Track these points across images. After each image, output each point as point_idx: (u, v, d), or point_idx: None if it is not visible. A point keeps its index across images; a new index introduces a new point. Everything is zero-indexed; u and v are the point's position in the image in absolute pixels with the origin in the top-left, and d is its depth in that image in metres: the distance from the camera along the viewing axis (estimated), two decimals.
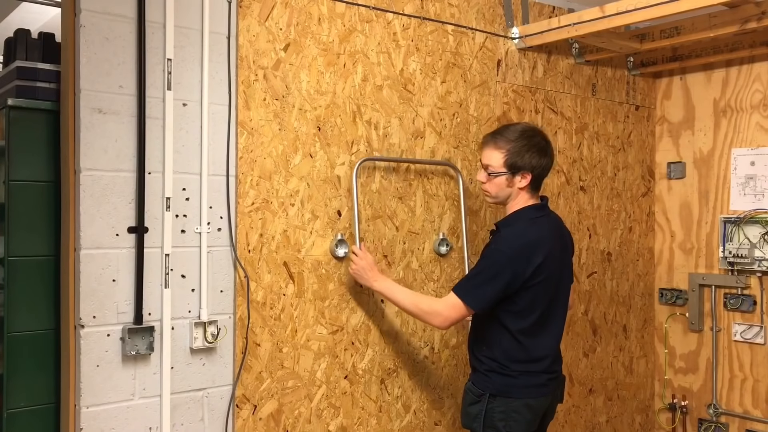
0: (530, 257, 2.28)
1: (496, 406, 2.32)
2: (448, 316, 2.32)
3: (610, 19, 2.79)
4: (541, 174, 2.39)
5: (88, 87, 2.10)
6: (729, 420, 3.45)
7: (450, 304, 2.32)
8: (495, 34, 3.06)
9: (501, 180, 2.37)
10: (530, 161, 2.33)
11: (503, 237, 2.35)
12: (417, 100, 2.80)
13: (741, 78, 3.42)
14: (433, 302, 2.41)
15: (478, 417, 2.34)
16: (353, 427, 2.65)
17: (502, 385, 2.33)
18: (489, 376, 2.35)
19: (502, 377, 2.33)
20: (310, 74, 2.52)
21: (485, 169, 2.40)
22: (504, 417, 2.31)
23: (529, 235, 2.33)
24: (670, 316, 3.67)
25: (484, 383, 2.36)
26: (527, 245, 2.30)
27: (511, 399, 2.32)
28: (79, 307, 2.10)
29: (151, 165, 2.21)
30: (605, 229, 3.51)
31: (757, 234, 3.31)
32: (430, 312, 2.36)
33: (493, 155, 2.37)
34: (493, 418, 2.32)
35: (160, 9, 2.22)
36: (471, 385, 2.40)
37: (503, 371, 2.33)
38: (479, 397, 2.35)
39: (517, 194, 2.38)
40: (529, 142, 2.35)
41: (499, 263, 2.28)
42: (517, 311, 2.32)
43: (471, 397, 2.38)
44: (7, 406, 2.18)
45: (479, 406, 2.34)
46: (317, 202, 2.54)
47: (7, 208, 2.18)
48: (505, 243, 2.32)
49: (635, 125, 3.65)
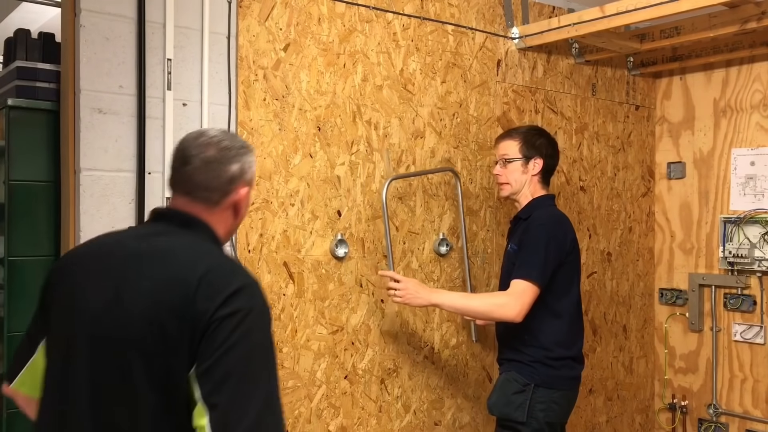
0: (566, 231, 2.46)
1: (539, 396, 2.39)
2: (522, 303, 2.34)
3: (610, 19, 2.79)
4: (551, 165, 2.57)
5: (88, 87, 2.10)
6: (729, 420, 3.45)
7: (519, 290, 2.35)
8: (495, 34, 3.06)
9: (516, 166, 2.52)
10: (541, 148, 2.52)
11: (536, 217, 2.47)
12: (417, 100, 2.80)
13: (741, 78, 3.42)
14: (497, 295, 2.48)
15: (522, 406, 2.39)
16: (353, 427, 2.65)
17: (547, 376, 2.40)
18: (533, 366, 2.41)
19: (546, 368, 2.41)
20: (310, 74, 2.52)
21: (501, 159, 2.55)
22: (545, 408, 2.39)
23: (556, 213, 2.52)
24: (670, 316, 3.67)
25: (529, 373, 2.41)
26: (559, 221, 2.48)
27: (554, 390, 2.41)
28: None
29: (151, 165, 2.21)
30: (605, 229, 3.51)
31: (757, 234, 3.31)
32: (500, 305, 2.37)
33: (509, 145, 2.54)
34: (535, 408, 2.38)
35: (160, 9, 2.22)
36: (515, 374, 2.44)
37: (547, 361, 2.41)
38: (524, 387, 2.41)
39: (531, 182, 2.52)
40: (541, 133, 2.58)
41: (546, 235, 2.40)
42: (559, 290, 2.42)
43: (516, 386, 2.42)
44: (7, 406, 2.18)
45: (524, 396, 2.40)
46: (317, 202, 2.54)
47: (7, 208, 2.18)
48: (540, 220, 2.46)
49: (635, 125, 3.65)
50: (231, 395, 1.31)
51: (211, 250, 1.47)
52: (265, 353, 1.38)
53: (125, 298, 1.37)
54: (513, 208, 3.10)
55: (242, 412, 1.31)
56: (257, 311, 1.37)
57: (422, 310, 2.82)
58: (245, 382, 1.32)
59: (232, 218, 1.55)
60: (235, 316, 1.33)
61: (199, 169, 1.48)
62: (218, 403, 1.30)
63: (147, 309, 1.35)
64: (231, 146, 1.51)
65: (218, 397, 1.30)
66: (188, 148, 1.50)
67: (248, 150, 1.55)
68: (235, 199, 1.51)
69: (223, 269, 1.40)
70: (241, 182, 1.52)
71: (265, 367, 1.37)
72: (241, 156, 1.52)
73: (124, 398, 1.35)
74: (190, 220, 1.49)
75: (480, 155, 3.00)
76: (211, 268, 1.38)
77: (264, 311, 1.40)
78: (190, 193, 1.49)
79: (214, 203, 1.49)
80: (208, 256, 1.44)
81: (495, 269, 3.02)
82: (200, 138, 1.51)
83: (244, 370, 1.32)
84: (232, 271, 1.42)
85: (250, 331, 1.35)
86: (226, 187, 1.49)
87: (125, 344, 1.35)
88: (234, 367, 1.32)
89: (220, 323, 1.32)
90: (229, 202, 1.51)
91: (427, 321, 2.84)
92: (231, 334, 1.32)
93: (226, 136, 1.54)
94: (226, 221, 1.53)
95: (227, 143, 1.51)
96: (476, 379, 2.99)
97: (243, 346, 1.33)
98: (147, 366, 1.34)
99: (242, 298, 1.36)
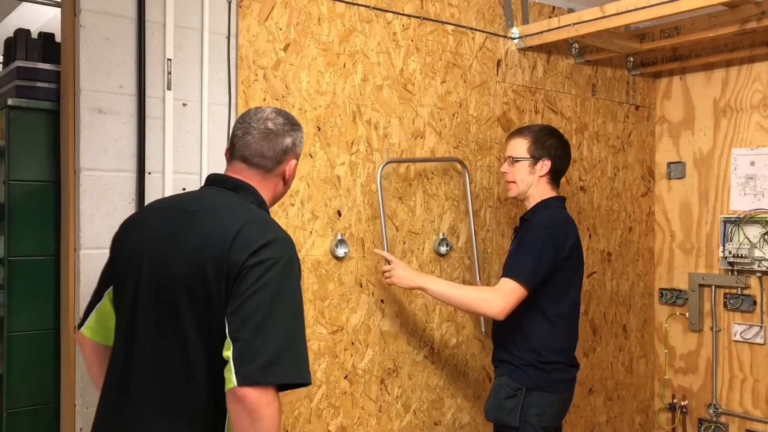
0: (566, 235, 2.41)
1: (532, 400, 2.36)
2: (506, 301, 2.31)
3: (610, 19, 2.79)
4: (561, 166, 2.52)
5: (88, 87, 2.10)
6: (729, 420, 3.45)
7: (506, 289, 2.32)
8: (495, 34, 3.06)
9: (524, 165, 2.48)
10: (550, 149, 2.47)
11: (537, 219, 2.44)
12: (417, 100, 2.80)
13: (741, 78, 3.42)
14: (484, 289, 2.46)
15: (514, 411, 2.37)
16: (353, 427, 2.65)
17: (539, 380, 2.37)
18: (525, 370, 2.38)
19: (538, 371, 2.38)
20: (310, 74, 2.52)
21: (509, 158, 2.52)
22: (539, 411, 2.36)
23: (560, 216, 2.47)
24: (670, 316, 3.67)
25: (520, 377, 2.39)
26: (561, 224, 2.43)
27: (547, 393, 2.38)
28: (79, 307, 2.09)
29: (151, 165, 2.21)
30: (605, 229, 3.51)
31: (757, 234, 3.31)
32: (484, 300, 2.34)
33: (517, 144, 2.51)
34: (528, 413, 2.36)
35: (160, 9, 2.22)
36: (506, 379, 2.42)
37: (539, 364, 2.37)
38: (516, 391, 2.38)
39: (538, 183, 2.48)
40: (552, 133, 2.53)
41: (541, 238, 2.36)
42: (555, 294, 2.38)
43: (507, 390, 2.40)
44: (7, 406, 2.18)
45: (515, 401, 2.37)
46: (317, 202, 2.54)
47: (7, 208, 2.18)
48: (540, 222, 2.42)
49: (635, 125, 3.65)
50: (253, 331, 1.48)
51: (251, 210, 1.66)
52: (291, 298, 1.55)
53: (177, 249, 1.59)
54: (513, 208, 3.11)
55: (262, 346, 1.47)
56: (284, 261, 1.55)
57: (422, 310, 2.82)
58: (268, 321, 1.49)
59: (282, 185, 1.78)
60: (263, 264, 1.52)
61: (258, 139, 1.71)
62: (240, 338, 1.48)
63: (193, 258, 1.56)
64: (286, 122, 1.75)
65: (242, 333, 1.48)
66: (250, 121, 1.74)
67: (299, 128, 1.79)
68: (285, 168, 1.75)
69: (258, 224, 1.60)
70: (291, 154, 1.76)
71: (290, 310, 1.54)
72: (294, 131, 1.76)
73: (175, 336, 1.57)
74: (238, 184, 1.71)
75: (480, 155, 3.00)
76: (247, 223, 1.58)
77: (291, 261, 1.57)
78: (248, 159, 1.72)
79: (268, 170, 1.73)
80: (248, 213, 1.63)
81: (495, 269, 3.02)
82: (260, 113, 1.75)
83: (268, 310, 1.50)
84: (266, 225, 1.62)
85: (276, 277, 1.53)
86: (280, 157, 1.73)
87: (176, 289, 1.57)
88: (258, 308, 1.49)
89: (250, 270, 1.51)
90: (280, 171, 1.75)
91: (427, 321, 2.84)
92: (258, 280, 1.51)
93: (282, 113, 1.78)
94: (276, 187, 1.77)
95: (282, 120, 1.75)
96: (476, 379, 3.00)
97: (268, 290, 1.51)
98: (192, 307, 1.55)
99: (271, 249, 1.55)
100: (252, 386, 1.46)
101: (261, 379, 1.46)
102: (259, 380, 1.46)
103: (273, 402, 1.48)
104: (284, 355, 1.50)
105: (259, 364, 1.46)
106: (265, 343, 1.48)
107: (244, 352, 1.48)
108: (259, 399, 1.46)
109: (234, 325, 1.50)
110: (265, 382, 1.46)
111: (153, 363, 1.60)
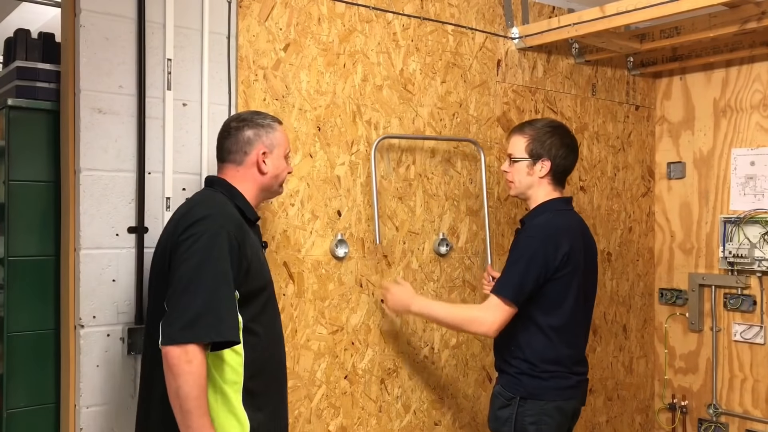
0: (558, 245, 2.26)
1: (527, 409, 2.27)
2: (494, 319, 2.24)
3: (610, 19, 2.79)
4: (564, 166, 2.38)
5: (88, 87, 2.10)
6: (729, 420, 3.45)
7: (491, 305, 2.26)
8: (495, 34, 3.06)
9: (522, 166, 2.36)
10: (551, 149, 2.34)
11: (530, 226, 2.34)
12: (417, 100, 2.80)
13: (741, 78, 3.42)
14: (473, 309, 2.36)
15: (508, 421, 2.28)
16: (353, 427, 2.65)
17: (533, 388, 2.28)
18: (519, 378, 2.30)
19: (533, 379, 2.28)
20: (310, 74, 2.52)
21: (508, 157, 2.42)
22: (535, 421, 2.26)
23: (556, 223, 2.32)
24: (670, 316, 3.67)
25: (514, 386, 2.30)
26: (555, 232, 2.29)
27: (543, 402, 2.27)
28: (79, 307, 2.10)
29: (151, 165, 2.21)
30: (605, 229, 3.51)
31: (757, 234, 3.31)
32: (473, 320, 2.29)
33: (517, 142, 2.39)
34: (524, 422, 2.26)
35: (160, 9, 2.22)
36: (500, 389, 2.34)
37: (533, 373, 2.28)
38: (509, 401, 2.30)
39: (539, 184, 2.37)
40: (554, 131, 2.37)
41: (530, 249, 2.27)
42: (548, 305, 2.28)
43: (501, 400, 2.32)
44: (7, 406, 2.18)
45: (509, 410, 2.29)
46: (317, 202, 2.54)
47: (7, 208, 2.18)
48: (532, 230, 2.32)
49: (635, 125, 3.65)
50: (178, 296, 1.70)
51: (206, 197, 1.90)
52: (214, 267, 1.72)
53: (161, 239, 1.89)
54: (514, 208, 3.11)
55: (184, 309, 1.68)
56: (210, 233, 1.74)
57: None
58: (190, 287, 1.69)
59: (259, 175, 1.96)
60: (190, 239, 1.74)
61: (224, 138, 1.98)
62: (168, 303, 1.71)
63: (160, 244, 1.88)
64: (244, 120, 1.97)
65: (170, 300, 1.71)
66: (222, 127, 2.01)
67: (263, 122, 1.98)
68: (255, 158, 1.95)
69: (197, 207, 1.83)
70: (258, 144, 1.95)
71: (212, 277, 1.71)
72: (254, 126, 1.96)
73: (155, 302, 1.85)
74: (213, 180, 1.98)
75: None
76: (191, 207, 1.84)
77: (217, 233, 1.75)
78: (222, 158, 1.98)
79: (238, 163, 1.95)
80: (200, 200, 1.88)
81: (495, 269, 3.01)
82: (227, 119, 2.02)
83: (190, 277, 1.70)
84: (205, 207, 1.82)
85: (201, 249, 1.72)
86: (245, 148, 1.94)
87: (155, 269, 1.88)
88: (182, 276, 1.71)
89: (181, 244, 1.75)
90: (250, 161, 1.95)
91: (427, 321, 2.84)
92: (186, 251, 1.73)
93: (243, 114, 2.01)
94: (254, 178, 1.96)
95: (242, 118, 1.98)
96: (476, 379, 3.00)
97: (193, 260, 1.72)
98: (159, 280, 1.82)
99: (200, 224, 1.76)
100: (172, 344, 1.65)
101: (179, 338, 1.65)
102: (177, 339, 1.65)
103: (193, 360, 1.65)
104: (203, 317, 1.67)
105: (179, 325, 1.66)
106: (187, 307, 1.68)
107: (169, 314, 1.69)
108: (179, 356, 1.64)
109: (168, 293, 1.73)
110: (183, 341, 1.65)
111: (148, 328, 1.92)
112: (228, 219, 1.81)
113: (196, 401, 1.65)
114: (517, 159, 2.37)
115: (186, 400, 1.64)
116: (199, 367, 1.65)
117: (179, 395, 1.64)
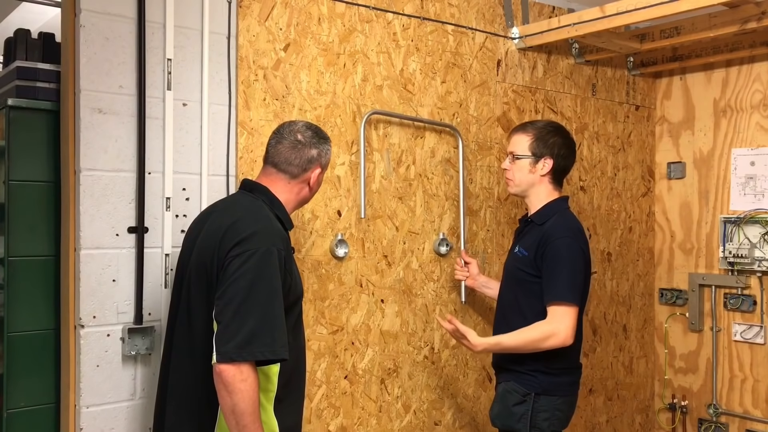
0: (587, 241, 2.39)
1: (541, 405, 2.33)
2: (565, 326, 2.26)
3: (610, 19, 2.79)
4: (564, 166, 2.44)
5: (88, 87, 2.10)
6: (729, 420, 3.45)
7: (557, 315, 2.27)
8: (495, 34, 3.06)
9: (524, 164, 2.41)
10: (553, 148, 2.40)
11: (555, 228, 2.34)
12: (417, 100, 2.80)
13: (741, 78, 3.42)
14: (540, 325, 2.31)
15: (524, 417, 2.33)
16: (353, 427, 2.65)
17: (548, 384, 2.34)
18: (534, 375, 2.34)
19: (546, 376, 2.34)
20: (310, 74, 2.52)
21: (510, 155, 2.46)
22: (548, 416, 2.33)
23: (574, 222, 2.42)
24: (670, 316, 3.67)
25: (529, 383, 2.35)
26: (580, 231, 2.39)
27: (556, 397, 2.34)
28: (79, 307, 2.10)
29: (151, 165, 2.21)
30: (605, 229, 3.51)
31: (757, 234, 3.31)
32: (546, 335, 2.28)
33: (520, 140, 2.43)
34: (538, 418, 2.32)
35: (160, 9, 2.22)
36: (515, 385, 2.37)
37: (548, 370, 2.34)
38: (525, 397, 2.34)
39: (539, 183, 2.42)
40: (556, 131, 2.44)
41: (571, 249, 2.31)
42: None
43: (516, 396, 2.36)
44: (7, 406, 2.18)
45: (525, 407, 2.33)
46: (317, 202, 2.54)
47: (7, 208, 2.18)
48: (561, 231, 2.34)
49: (635, 125, 3.65)
50: (232, 314, 1.71)
51: (251, 207, 1.90)
52: (267, 285, 1.75)
53: (196, 243, 1.89)
54: (513, 208, 3.11)
55: (239, 327, 1.70)
56: (262, 251, 1.76)
57: (422, 310, 2.82)
58: (245, 305, 1.71)
59: (307, 190, 2.01)
60: (243, 255, 1.75)
61: (287, 148, 1.96)
62: (221, 320, 1.72)
63: (201, 250, 1.86)
64: (314, 136, 1.99)
65: (222, 316, 1.72)
66: (283, 132, 1.99)
67: (326, 141, 2.03)
68: (310, 175, 1.99)
69: (248, 219, 1.84)
70: (317, 164, 1.99)
71: (265, 295, 1.74)
72: (320, 144, 2.00)
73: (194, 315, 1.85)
74: (254, 186, 1.97)
75: (480, 155, 3.00)
76: (240, 218, 1.84)
77: (269, 252, 1.77)
78: (277, 165, 1.97)
79: (293, 176, 1.97)
80: (245, 210, 1.88)
81: (495, 269, 3.02)
82: (293, 126, 2.01)
83: (245, 296, 1.72)
84: (255, 220, 1.84)
85: (254, 267, 1.74)
86: (305, 165, 1.97)
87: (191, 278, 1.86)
88: (236, 293, 1.72)
89: (233, 260, 1.76)
90: (305, 178, 1.99)
91: (427, 321, 2.84)
92: (239, 269, 1.74)
93: (312, 127, 2.02)
94: (300, 192, 2.00)
95: (311, 133, 2.00)
96: (476, 379, 3.00)
97: (247, 277, 1.73)
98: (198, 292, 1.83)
99: (252, 241, 1.77)
100: (228, 363, 1.68)
101: (236, 357, 1.68)
102: (234, 358, 1.68)
103: (248, 378, 1.69)
104: (258, 336, 1.70)
105: (235, 343, 1.68)
106: (242, 325, 1.70)
107: (223, 332, 1.70)
108: (234, 375, 1.68)
109: (218, 308, 1.74)
110: (240, 359, 1.68)
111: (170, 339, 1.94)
112: (276, 235, 1.83)
113: (251, 416, 1.70)
114: (519, 156, 2.42)
115: (242, 416, 1.69)
116: (253, 384, 1.70)
117: (235, 412, 1.69)
